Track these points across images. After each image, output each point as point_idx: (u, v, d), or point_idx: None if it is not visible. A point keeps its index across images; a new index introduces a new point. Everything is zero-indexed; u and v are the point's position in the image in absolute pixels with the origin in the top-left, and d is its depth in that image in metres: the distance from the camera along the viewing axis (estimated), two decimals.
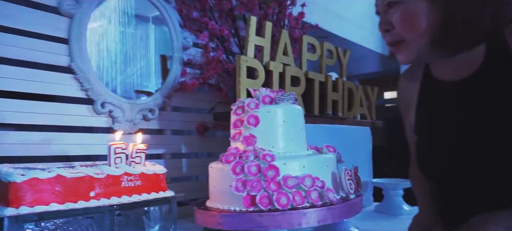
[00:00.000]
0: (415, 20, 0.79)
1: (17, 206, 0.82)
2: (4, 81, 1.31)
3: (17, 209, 0.82)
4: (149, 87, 1.94)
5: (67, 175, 0.90)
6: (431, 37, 0.79)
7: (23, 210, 0.82)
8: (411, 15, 0.79)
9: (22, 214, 0.81)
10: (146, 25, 1.91)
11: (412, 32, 0.80)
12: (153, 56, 1.97)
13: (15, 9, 1.36)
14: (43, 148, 1.40)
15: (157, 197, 1.05)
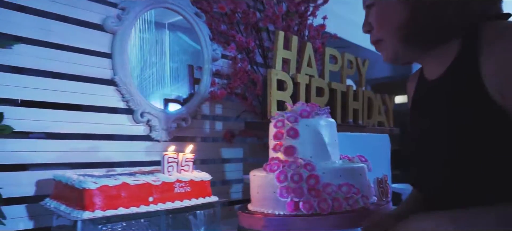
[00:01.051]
0: (386, 19, 0.82)
1: (93, 210, 0.93)
2: (53, 93, 1.43)
3: (93, 213, 0.93)
4: (176, 96, 2.05)
5: (130, 182, 1.01)
6: (402, 35, 0.80)
7: (98, 213, 0.93)
8: (383, 14, 0.82)
9: (97, 217, 0.93)
10: (177, 38, 2.02)
11: (385, 31, 0.83)
12: (181, 65, 2.08)
13: (64, 27, 1.48)
14: (90, 155, 1.51)
15: (204, 201, 1.16)
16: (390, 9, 0.81)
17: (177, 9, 1.80)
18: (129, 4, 1.62)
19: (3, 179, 1.29)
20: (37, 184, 1.37)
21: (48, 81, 1.43)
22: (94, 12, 1.55)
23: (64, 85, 1.47)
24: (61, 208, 1.01)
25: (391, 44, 0.83)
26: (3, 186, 1.26)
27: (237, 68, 1.96)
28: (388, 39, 0.84)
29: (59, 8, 1.46)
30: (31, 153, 1.37)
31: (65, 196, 1.04)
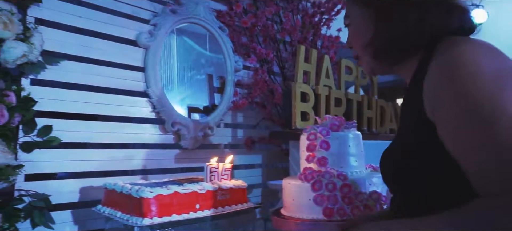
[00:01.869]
0: (357, 38, 0.86)
1: (151, 217, 1.03)
2: (93, 106, 1.53)
3: (151, 219, 1.03)
4: (198, 104, 2.15)
5: (180, 191, 1.11)
6: (371, 51, 0.82)
7: (156, 220, 1.03)
8: (354, 33, 0.87)
9: (155, 224, 1.03)
10: (197, 49, 2.13)
11: (358, 48, 0.87)
12: (204, 76, 2.19)
13: (102, 43, 1.58)
14: (126, 163, 1.61)
15: (242, 207, 1.26)
16: (359, 28, 0.85)
17: (203, 24, 1.90)
18: (160, 21, 1.72)
19: (52, 186, 1.39)
20: (80, 191, 1.48)
21: (89, 95, 1.52)
22: (128, 29, 1.66)
23: (103, 98, 1.56)
24: (117, 215, 1.11)
25: (365, 60, 0.87)
26: (51, 193, 1.35)
27: (258, 79, 2.06)
28: (362, 56, 0.87)
29: (98, 26, 1.56)
30: (75, 162, 1.47)
31: (119, 203, 1.14)
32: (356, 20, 0.87)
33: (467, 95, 0.63)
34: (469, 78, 0.63)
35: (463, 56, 0.65)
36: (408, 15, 0.75)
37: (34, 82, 1.39)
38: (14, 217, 1.26)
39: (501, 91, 0.61)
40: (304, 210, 1.17)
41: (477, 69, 0.63)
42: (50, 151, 1.39)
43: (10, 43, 1.22)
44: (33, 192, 1.33)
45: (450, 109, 0.65)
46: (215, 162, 1.25)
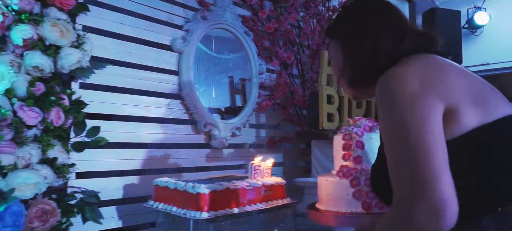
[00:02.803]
0: (335, 68, 0.98)
1: (208, 210, 1.13)
2: (129, 108, 1.62)
3: (208, 213, 1.13)
4: (220, 106, 2.24)
5: (231, 187, 1.21)
6: (345, 79, 0.93)
7: (212, 213, 1.13)
8: (334, 64, 0.99)
9: (212, 217, 1.12)
10: (220, 53, 2.22)
11: (336, 75, 0.99)
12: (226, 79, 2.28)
13: (141, 48, 1.67)
14: (163, 162, 1.71)
15: (283, 203, 1.36)
16: (335, 61, 0.98)
17: (230, 29, 2.00)
18: (192, 26, 1.82)
19: (98, 184, 1.48)
20: (124, 188, 1.57)
21: (129, 97, 1.61)
22: (163, 34, 1.75)
23: (141, 100, 1.65)
24: (173, 209, 1.21)
25: (344, 85, 0.97)
26: (98, 190, 1.44)
27: (281, 81, 2.16)
28: (341, 84, 1.02)
29: (138, 32, 1.65)
30: (117, 161, 1.56)
31: (173, 198, 1.23)
32: (333, 53, 0.98)
33: (384, 116, 0.77)
34: (388, 101, 0.77)
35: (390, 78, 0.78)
36: (363, 48, 0.86)
37: (82, 86, 1.47)
38: (69, 213, 1.35)
39: (411, 114, 0.72)
40: (343, 204, 1.27)
41: (395, 93, 0.75)
42: (95, 151, 1.48)
43: (66, 50, 1.30)
44: (84, 189, 1.42)
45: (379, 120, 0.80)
46: (259, 161, 1.35)
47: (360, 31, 0.89)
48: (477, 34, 4.65)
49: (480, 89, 0.79)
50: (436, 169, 0.68)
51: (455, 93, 0.75)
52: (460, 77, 0.78)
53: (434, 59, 0.82)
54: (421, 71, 0.76)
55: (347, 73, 0.92)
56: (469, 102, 0.75)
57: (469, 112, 0.75)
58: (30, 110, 1.23)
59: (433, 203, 0.66)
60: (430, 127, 0.71)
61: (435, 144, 0.70)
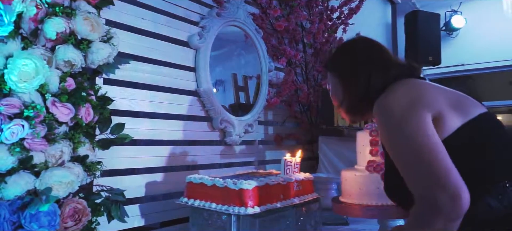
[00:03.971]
0: (333, 98, 1.15)
1: (252, 206, 1.15)
2: (149, 104, 1.59)
3: (253, 208, 1.14)
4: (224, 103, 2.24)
5: (270, 182, 1.23)
6: (344, 107, 1.11)
7: (257, 209, 1.15)
8: (332, 94, 1.15)
9: (257, 212, 1.14)
10: (228, 50, 2.22)
11: (335, 104, 1.16)
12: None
13: (161, 44, 1.65)
14: (181, 159, 1.69)
15: (312, 197, 1.40)
16: (334, 91, 1.15)
17: (242, 27, 2.01)
18: (208, 23, 1.81)
19: (121, 181, 1.45)
20: (146, 186, 1.54)
21: (148, 93, 1.59)
22: (181, 30, 1.73)
23: (160, 97, 1.63)
24: (212, 206, 1.21)
25: (342, 112, 1.14)
26: (123, 188, 1.41)
27: (289, 79, 2.20)
28: (339, 111, 1.15)
29: (158, 27, 1.63)
30: (140, 158, 1.54)
31: (211, 195, 1.23)
32: (332, 85, 1.16)
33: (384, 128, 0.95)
34: (387, 122, 0.94)
35: (385, 101, 0.96)
36: (359, 83, 1.05)
37: (105, 82, 1.44)
38: (97, 212, 1.32)
39: (406, 124, 0.89)
40: (373, 197, 1.33)
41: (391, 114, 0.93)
42: (116, 148, 1.44)
43: (97, 44, 1.27)
44: (109, 187, 1.39)
45: (381, 137, 0.98)
46: (290, 157, 1.38)
47: (355, 69, 1.07)
48: (453, 36, 4.91)
49: (456, 98, 0.96)
50: (445, 164, 0.82)
51: (437, 103, 0.92)
52: (439, 91, 0.96)
53: (415, 81, 1.01)
54: (407, 92, 0.96)
55: (346, 103, 1.10)
56: (450, 108, 0.92)
57: (451, 116, 0.91)
58: (63, 107, 1.19)
59: (452, 190, 0.79)
60: (427, 132, 0.87)
61: (436, 144, 0.86)
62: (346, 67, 1.11)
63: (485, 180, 0.82)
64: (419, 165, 0.85)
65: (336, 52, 1.20)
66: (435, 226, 0.80)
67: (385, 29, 4.61)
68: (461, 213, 0.80)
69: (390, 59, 1.08)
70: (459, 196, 0.79)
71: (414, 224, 0.86)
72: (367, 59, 1.07)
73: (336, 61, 1.16)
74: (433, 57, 4.31)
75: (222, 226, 1.22)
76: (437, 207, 0.80)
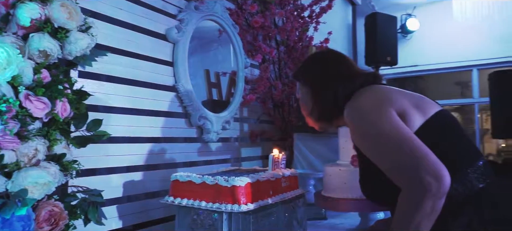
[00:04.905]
0: (303, 107, 1.22)
1: (245, 203, 1.12)
2: (130, 100, 1.51)
3: (246, 206, 1.12)
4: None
5: (260, 179, 1.22)
6: (314, 117, 1.19)
7: (250, 206, 1.13)
8: (302, 103, 1.22)
9: (251, 209, 1.12)
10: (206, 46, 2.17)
11: (305, 114, 1.23)
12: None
13: (136, 36, 1.56)
14: (159, 157, 1.63)
15: (299, 193, 1.41)
16: (304, 101, 1.21)
17: (219, 21, 1.97)
18: (186, 16, 1.75)
19: (97, 181, 1.36)
20: (124, 186, 1.46)
21: (125, 88, 1.50)
22: (159, 23, 1.66)
23: (139, 92, 1.55)
24: (201, 204, 1.17)
25: (311, 122, 1.22)
26: (97, 188, 1.33)
27: (264, 76, 2.19)
28: (309, 120, 1.22)
29: (135, 19, 1.54)
30: (116, 157, 1.45)
31: (200, 193, 1.19)
32: (302, 95, 1.22)
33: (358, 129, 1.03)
34: (358, 118, 1.02)
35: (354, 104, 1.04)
36: (327, 93, 1.13)
37: (81, 75, 1.34)
38: (73, 214, 1.22)
39: (379, 120, 0.96)
40: (357, 191, 1.36)
41: (362, 116, 1.01)
42: (93, 146, 1.35)
43: (76, 34, 1.17)
44: (86, 187, 1.30)
45: (355, 139, 1.05)
46: (278, 153, 1.37)
47: (325, 80, 1.15)
48: (408, 38, 5.20)
49: (416, 99, 1.05)
50: (423, 148, 0.90)
51: (400, 103, 1.00)
52: (401, 93, 1.06)
53: (379, 86, 1.12)
54: (373, 94, 1.05)
55: (315, 112, 1.18)
56: (412, 108, 1.01)
57: (414, 115, 1.00)
58: (38, 101, 1.09)
59: (434, 170, 0.86)
60: (399, 123, 0.95)
61: (410, 133, 0.94)
62: (316, 77, 1.17)
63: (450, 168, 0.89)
64: (401, 154, 0.91)
65: (306, 63, 1.27)
66: (425, 206, 0.87)
67: (346, 29, 4.77)
68: (445, 191, 0.87)
69: (357, 71, 1.16)
70: (442, 175, 0.86)
71: (405, 209, 0.91)
72: (336, 71, 1.15)
73: (307, 71, 1.22)
74: (390, 58, 4.53)
75: (212, 225, 1.18)
76: (425, 188, 0.86)
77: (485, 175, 0.96)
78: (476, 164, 0.97)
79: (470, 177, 0.95)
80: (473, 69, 5.00)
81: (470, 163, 0.97)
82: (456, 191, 0.93)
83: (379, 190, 1.08)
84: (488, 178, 0.95)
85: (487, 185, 0.94)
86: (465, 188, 0.94)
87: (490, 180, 0.95)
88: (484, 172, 0.96)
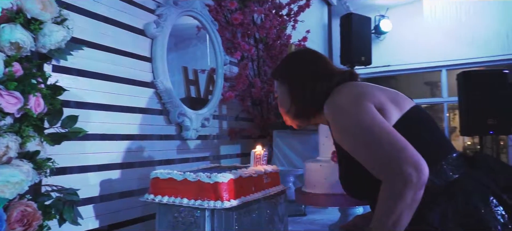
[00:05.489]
0: (281, 105, 1.21)
1: (228, 199, 1.11)
2: (108, 96, 1.47)
3: (229, 202, 1.11)
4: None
5: (243, 175, 1.21)
6: (291, 115, 1.18)
7: (233, 202, 1.12)
8: (280, 102, 1.22)
9: (234, 206, 1.11)
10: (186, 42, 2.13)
11: (282, 112, 1.22)
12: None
13: (115, 31, 1.52)
14: (137, 155, 1.59)
15: (280, 189, 1.41)
16: (282, 99, 1.21)
17: (198, 17, 1.94)
18: (165, 11, 1.72)
19: (75, 180, 1.32)
20: (100, 185, 1.42)
21: (105, 84, 1.46)
22: (137, 17, 1.62)
23: (116, 88, 1.51)
24: (183, 202, 1.15)
25: (289, 120, 1.22)
26: (71, 187, 1.28)
27: (243, 73, 2.18)
28: (286, 118, 1.23)
29: (113, 13, 1.50)
30: (92, 154, 1.41)
31: (181, 190, 1.17)
32: (280, 94, 1.22)
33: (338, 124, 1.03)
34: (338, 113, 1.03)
35: (333, 101, 1.05)
36: (306, 91, 1.13)
37: (56, 69, 1.29)
38: (47, 214, 1.17)
39: (358, 114, 0.97)
40: (338, 186, 1.38)
41: (342, 112, 1.02)
42: (68, 144, 1.30)
43: (50, 26, 1.12)
44: (60, 186, 1.25)
45: (336, 135, 1.05)
46: (260, 150, 1.37)
47: (303, 79, 1.15)
48: (381, 39, 5.34)
49: (392, 94, 1.07)
50: (402, 140, 0.91)
51: (378, 98, 1.02)
52: (377, 89, 1.07)
53: (356, 82, 1.14)
54: (351, 90, 1.07)
55: (293, 110, 1.17)
56: (389, 103, 1.02)
57: (391, 110, 1.02)
58: (9, 95, 1.03)
59: (414, 161, 0.88)
60: (378, 117, 0.97)
61: (389, 126, 0.95)
62: (294, 76, 1.18)
63: (426, 161, 0.90)
64: (381, 146, 0.93)
65: (284, 62, 1.27)
66: (406, 197, 0.88)
67: (322, 29, 4.83)
68: (425, 182, 0.89)
69: (334, 69, 1.18)
70: (421, 166, 0.88)
71: (386, 201, 0.92)
72: (314, 69, 1.16)
73: (285, 70, 1.23)
74: (365, 58, 4.64)
75: (193, 223, 1.16)
76: (406, 179, 0.87)
77: (458, 167, 1.00)
78: (450, 156, 1.01)
79: (445, 169, 0.98)
80: (442, 69, 5.19)
81: (445, 156, 1.00)
82: (432, 183, 0.95)
83: (359, 184, 1.10)
84: (462, 170, 0.99)
85: (461, 176, 0.97)
86: (440, 180, 0.97)
87: (463, 171, 0.99)
88: (458, 164, 1.00)
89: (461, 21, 4.89)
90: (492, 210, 0.89)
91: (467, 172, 1.00)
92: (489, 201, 0.91)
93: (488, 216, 0.88)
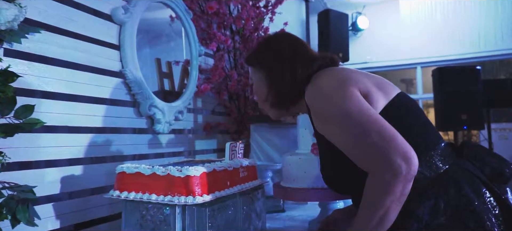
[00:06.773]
0: (257, 94, 1.16)
1: (201, 194, 1.03)
2: (71, 85, 1.35)
3: (202, 197, 1.03)
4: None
5: (217, 168, 1.13)
6: (269, 103, 1.12)
7: (206, 197, 1.03)
8: (256, 90, 1.16)
9: (207, 201, 1.03)
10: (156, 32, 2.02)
11: (259, 101, 1.17)
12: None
13: (82, 16, 1.40)
14: (104, 149, 1.47)
15: (258, 183, 1.33)
16: (258, 87, 1.15)
17: (171, 4, 1.84)
18: None
19: (33, 176, 1.20)
20: (62, 181, 1.30)
21: (67, 72, 1.34)
22: (103, 1, 1.50)
23: (80, 77, 1.39)
24: (152, 198, 1.05)
25: (266, 109, 1.16)
26: (27, 184, 1.16)
27: (219, 65, 2.09)
28: (264, 106, 1.16)
29: None
30: (51, 148, 1.29)
31: (150, 186, 1.07)
32: (255, 81, 1.16)
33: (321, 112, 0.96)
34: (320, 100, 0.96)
35: (315, 86, 0.99)
36: (284, 76, 1.07)
37: (7, 53, 1.16)
38: None
39: (343, 102, 0.91)
40: (318, 180, 1.32)
41: (325, 98, 0.95)
42: (24, 136, 1.18)
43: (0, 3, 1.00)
44: (14, 183, 1.13)
45: (318, 123, 0.98)
46: (237, 143, 1.29)
47: (281, 64, 1.07)
48: (359, 36, 5.36)
49: (377, 80, 1.02)
50: (390, 129, 0.85)
51: (362, 83, 0.96)
52: (361, 74, 1.01)
53: (338, 67, 1.07)
54: (333, 75, 1.00)
55: (271, 98, 1.10)
56: (375, 89, 0.97)
57: (377, 96, 0.96)
58: None
59: (403, 151, 0.82)
60: (364, 104, 0.90)
61: (375, 114, 0.89)
62: (271, 62, 1.10)
63: (415, 151, 0.86)
64: (368, 136, 0.85)
65: (259, 47, 1.18)
66: (396, 190, 0.82)
67: (300, 25, 4.80)
68: (414, 173, 0.83)
69: (312, 53, 1.10)
70: (411, 156, 0.82)
71: (373, 194, 0.86)
72: (292, 54, 1.08)
73: (261, 56, 1.14)
74: (342, 54, 4.64)
75: (163, 221, 1.07)
76: (395, 171, 0.81)
77: (447, 157, 0.94)
78: (438, 145, 0.95)
79: (435, 160, 0.93)
80: (417, 66, 5.28)
81: (434, 146, 0.95)
82: (422, 175, 0.90)
83: (342, 177, 1.03)
84: (451, 160, 0.94)
85: (450, 167, 0.92)
86: (431, 171, 0.91)
87: (452, 161, 0.94)
88: (446, 154, 0.95)
89: (437, 19, 4.98)
90: (485, 202, 0.84)
91: (457, 162, 0.94)
92: (482, 192, 0.86)
93: (481, 208, 0.83)
